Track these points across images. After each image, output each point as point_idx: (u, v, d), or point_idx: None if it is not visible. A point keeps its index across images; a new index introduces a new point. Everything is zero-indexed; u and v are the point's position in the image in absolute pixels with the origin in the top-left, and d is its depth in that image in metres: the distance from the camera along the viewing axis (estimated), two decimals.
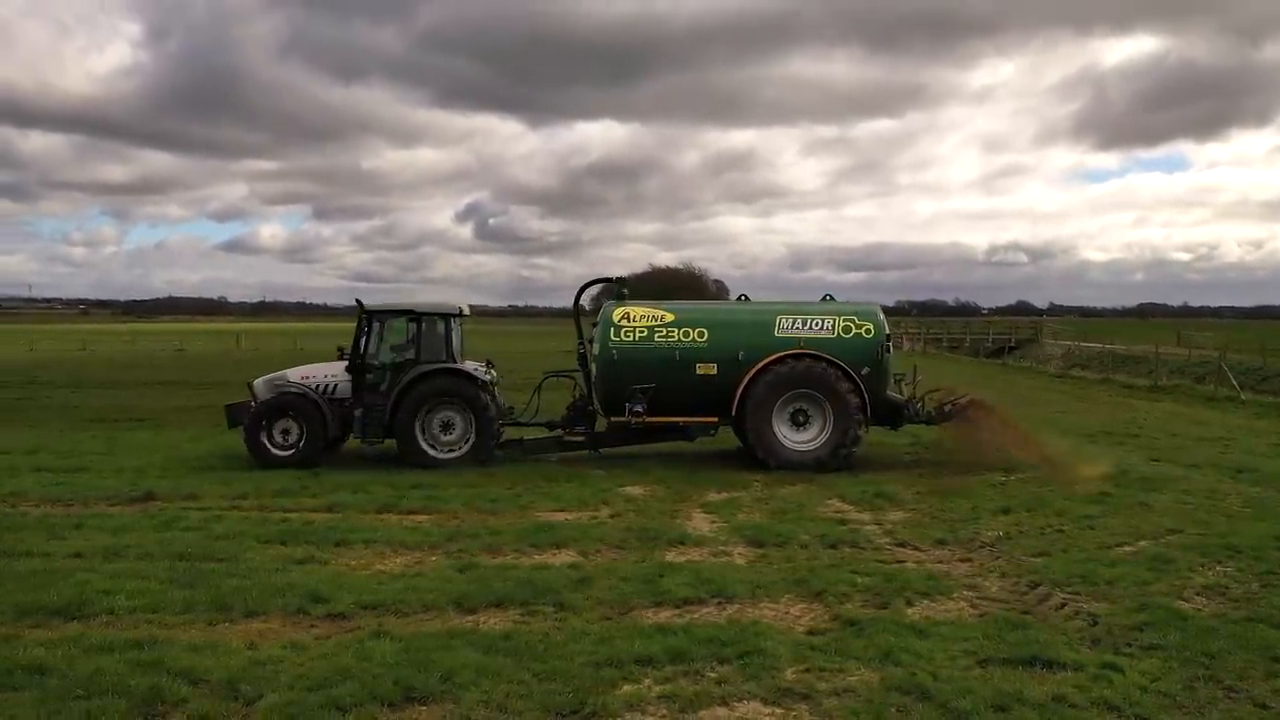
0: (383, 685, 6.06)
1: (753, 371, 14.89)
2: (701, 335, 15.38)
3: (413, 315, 15.48)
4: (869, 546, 9.93)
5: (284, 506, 11.74)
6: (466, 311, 16.38)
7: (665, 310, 15.74)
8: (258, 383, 15.66)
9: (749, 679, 6.28)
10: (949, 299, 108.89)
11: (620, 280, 16.62)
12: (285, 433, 14.96)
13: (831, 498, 12.42)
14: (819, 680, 6.26)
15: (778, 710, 5.88)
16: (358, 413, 15.12)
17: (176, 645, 6.79)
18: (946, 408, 16.10)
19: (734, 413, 15.04)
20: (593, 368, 15.72)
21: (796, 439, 14.98)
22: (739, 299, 17.08)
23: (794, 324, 15.39)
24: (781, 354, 15.00)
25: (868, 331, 15.38)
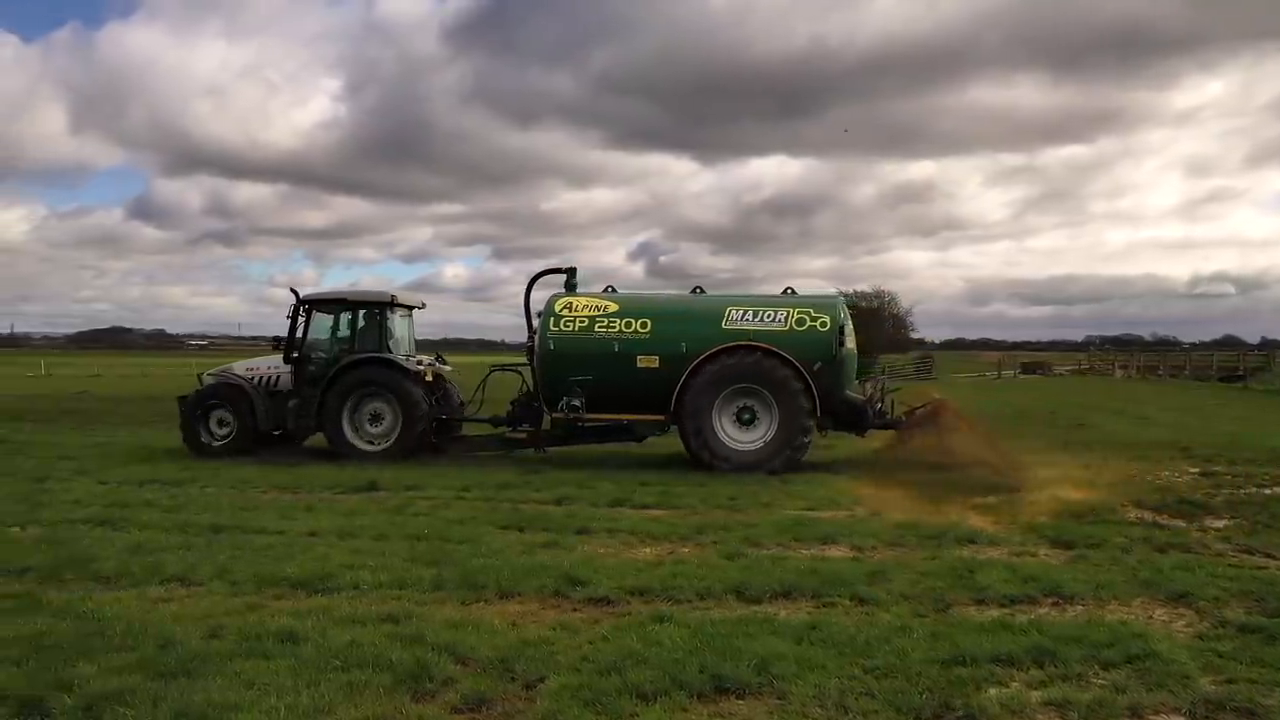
0: (687, 672, 4.96)
1: (693, 365, 13.54)
2: (644, 326, 14.07)
3: (345, 304, 15.18)
4: (1205, 551, 8.20)
5: (510, 498, 10.99)
6: (419, 304, 16.19)
7: (610, 300, 14.50)
8: (206, 375, 15.61)
9: (1154, 687, 4.83)
10: (1145, 333, 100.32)
11: (570, 270, 15.33)
12: (221, 423, 14.89)
13: (1127, 504, 10.63)
14: (1258, 694, 4.74)
15: None
16: (292, 403, 14.79)
17: (433, 621, 5.94)
18: (917, 411, 14.28)
19: (673, 408, 13.64)
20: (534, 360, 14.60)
21: (741, 438, 13.63)
22: (693, 291, 15.30)
23: (744, 316, 13.95)
24: (725, 346, 13.60)
25: (823, 325, 13.82)
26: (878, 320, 76.87)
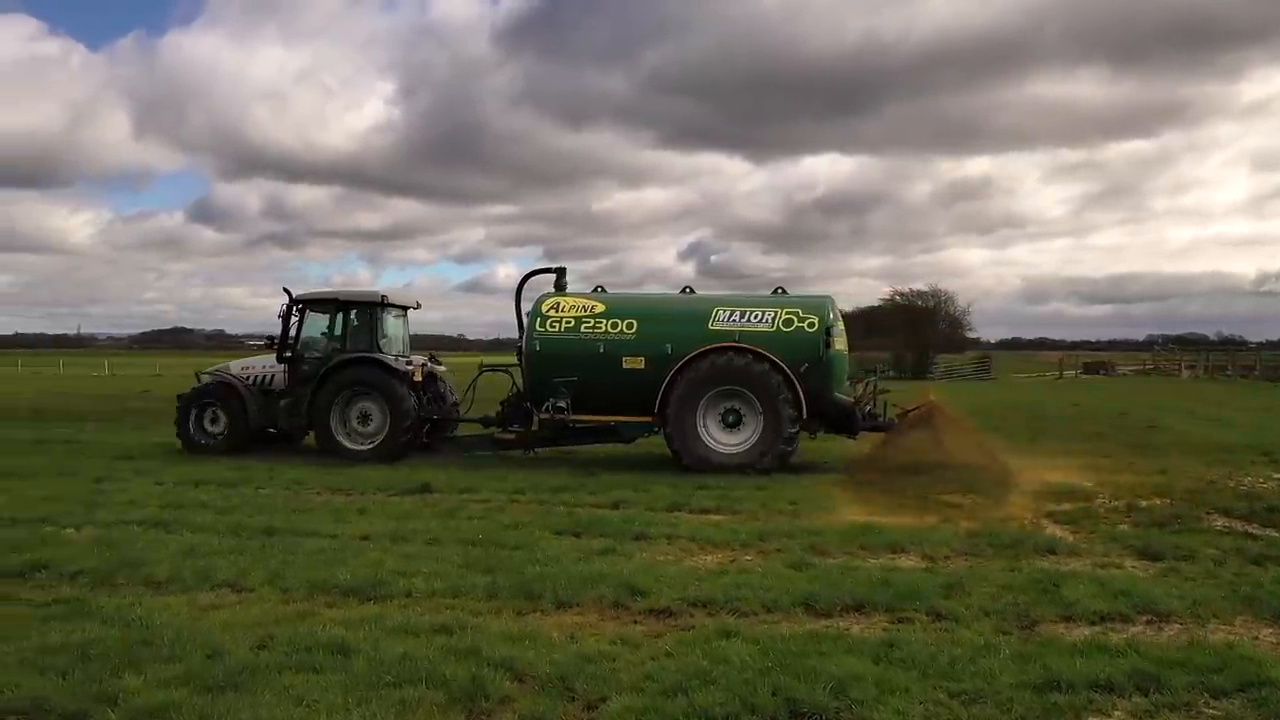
0: (758, 695, 4.64)
1: (677, 366, 13.35)
2: (630, 327, 13.93)
3: (337, 304, 15.27)
4: None
5: (565, 501, 10.74)
6: (413, 305, 16.34)
7: (597, 300, 14.36)
8: (203, 374, 15.84)
9: (1274, 719, 4.41)
10: (1210, 332, 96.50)
11: (560, 270, 15.28)
12: (214, 421, 15.14)
13: (1212, 511, 10.08)
14: None
15: None
16: (284, 402, 14.96)
17: (488, 633, 5.69)
18: (910, 413, 13.81)
19: (657, 410, 13.41)
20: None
21: (725, 440, 13.42)
22: (683, 291, 15.04)
23: (731, 316, 13.74)
24: (709, 347, 13.38)
25: (810, 325, 13.59)
26: (932, 320, 75.39)
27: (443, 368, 16.11)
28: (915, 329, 72.29)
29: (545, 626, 5.93)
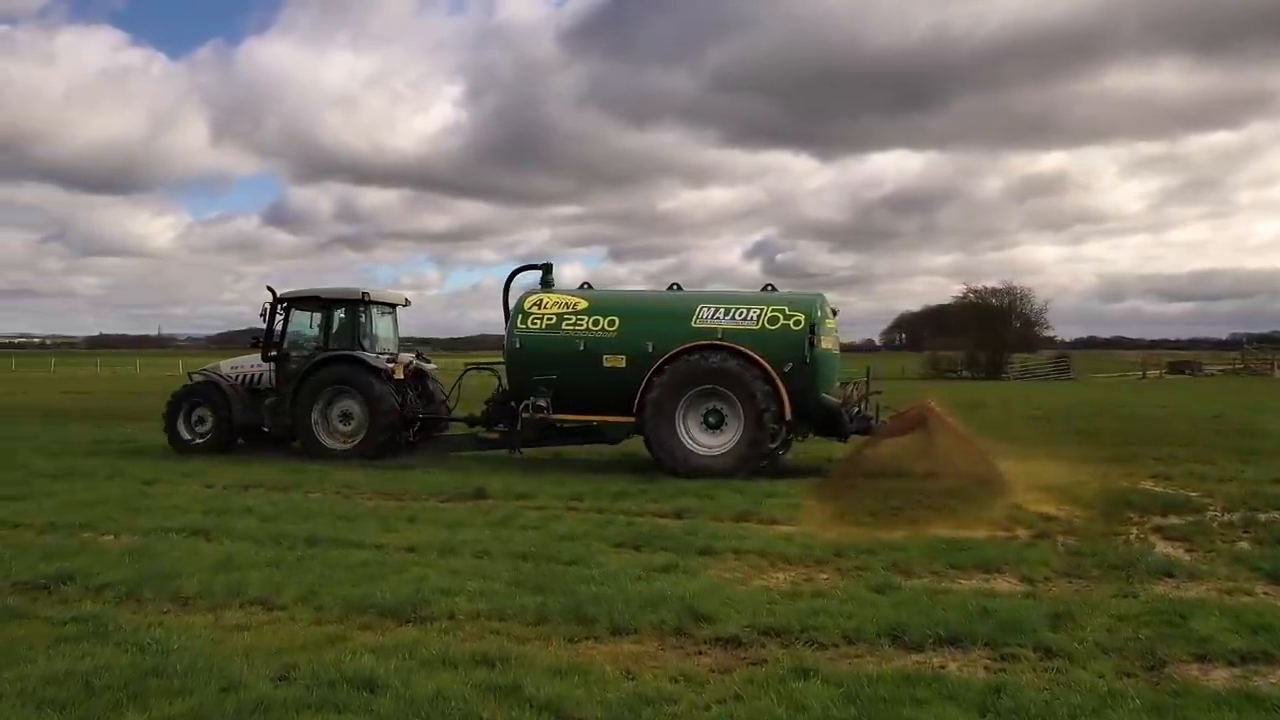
0: None
1: (655, 365, 12.85)
2: (612, 324, 13.51)
3: (320, 302, 15.12)
4: None
5: (625, 509, 10.11)
6: (401, 301, 16.18)
7: (581, 298, 13.98)
8: (195, 373, 15.84)
9: None
10: None
11: (546, 266, 14.94)
12: (201, 420, 15.12)
13: None
14: None
15: None
16: (268, 401, 14.79)
17: (534, 666, 5.05)
18: (903, 415, 12.82)
19: (635, 410, 12.88)
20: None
21: (707, 442, 12.87)
22: (670, 288, 14.40)
23: (715, 314, 13.24)
24: (690, 346, 12.87)
25: (797, 323, 13.00)
26: (1006, 319, 73.07)
27: (431, 365, 15.94)
28: (988, 328, 70.31)
29: (598, 657, 5.29)
